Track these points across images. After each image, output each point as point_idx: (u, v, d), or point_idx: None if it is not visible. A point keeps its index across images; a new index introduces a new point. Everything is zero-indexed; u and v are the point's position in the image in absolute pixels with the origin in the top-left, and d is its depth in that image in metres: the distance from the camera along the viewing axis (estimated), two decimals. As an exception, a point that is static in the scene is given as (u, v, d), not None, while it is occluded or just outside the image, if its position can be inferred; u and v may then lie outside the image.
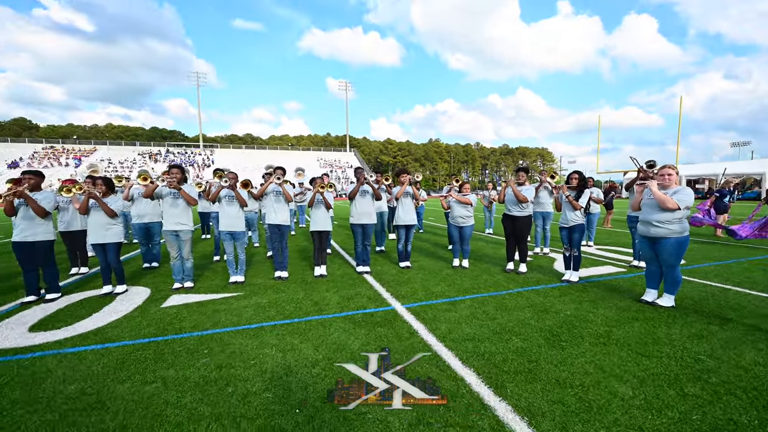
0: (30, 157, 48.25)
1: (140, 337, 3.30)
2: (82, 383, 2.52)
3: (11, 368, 2.75)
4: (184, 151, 58.35)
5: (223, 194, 4.89)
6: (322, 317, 3.75)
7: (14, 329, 3.50)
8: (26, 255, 4.21)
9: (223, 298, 4.44)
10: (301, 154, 63.74)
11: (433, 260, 6.54)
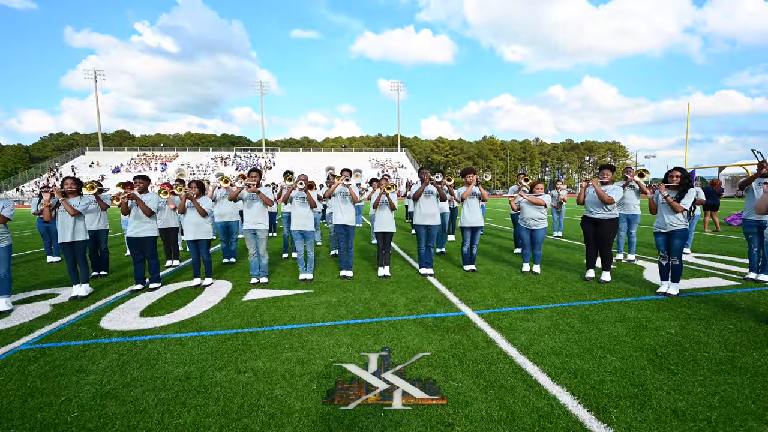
0: (128, 163, 56.30)
1: (228, 327, 3.59)
2: (187, 367, 2.80)
3: (130, 348, 3.16)
4: (249, 155, 63.52)
5: (295, 195, 5.15)
6: (391, 319, 3.74)
7: (128, 314, 4.04)
8: (136, 248, 4.86)
9: (296, 294, 4.67)
10: (354, 155, 65.54)
11: (499, 264, 6.21)
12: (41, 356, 3.01)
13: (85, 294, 4.65)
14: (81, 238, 4.61)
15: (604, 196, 4.56)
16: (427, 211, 5.33)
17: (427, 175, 5.34)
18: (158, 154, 62.17)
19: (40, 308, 4.25)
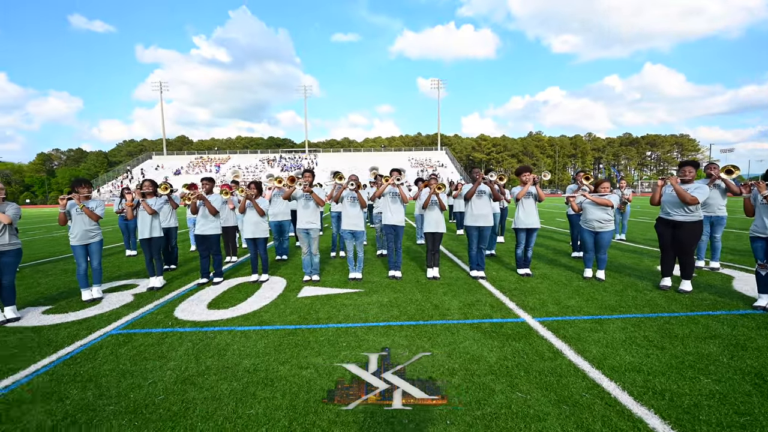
0: (187, 165, 61.50)
1: (287, 323, 3.73)
2: (253, 359, 2.94)
3: (201, 339, 3.40)
4: (293, 156, 66.37)
5: (345, 195, 5.23)
6: (446, 322, 3.64)
7: (197, 306, 4.37)
8: (202, 245, 5.24)
9: (347, 293, 4.74)
10: (393, 154, 65.70)
11: (556, 269, 5.83)
12: (129, 341, 3.34)
13: (159, 285, 5.12)
14: (157, 234, 5.07)
15: (686, 195, 4.07)
16: (480, 212, 5.13)
17: (479, 174, 5.14)
18: (213, 157, 67.16)
19: (124, 297, 4.74)
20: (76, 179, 4.55)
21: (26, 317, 4.01)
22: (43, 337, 3.47)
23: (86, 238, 4.48)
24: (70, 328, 3.66)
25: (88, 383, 2.61)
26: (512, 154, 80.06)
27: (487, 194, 5.19)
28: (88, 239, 4.50)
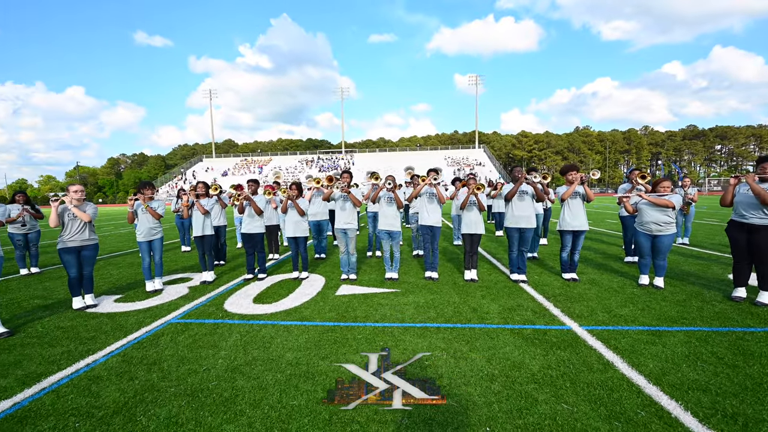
0: (233, 167, 65.54)
1: (326, 319, 3.86)
2: (295, 353, 3.08)
3: (248, 331, 3.62)
4: (330, 157, 68.16)
5: (382, 195, 5.29)
6: (485, 326, 3.55)
7: (244, 299, 4.65)
8: (248, 242, 5.58)
9: (384, 293, 4.79)
10: (429, 153, 65.06)
11: (606, 274, 5.44)
12: (186, 330, 3.65)
13: (211, 279, 5.52)
14: (209, 232, 5.48)
15: (765, 196, 3.60)
16: (521, 213, 4.93)
17: (521, 174, 4.94)
18: (256, 159, 70.94)
19: (181, 289, 5.18)
20: (141, 182, 5.05)
21: (102, 304, 4.52)
22: (116, 322, 3.90)
23: (150, 235, 4.96)
24: (137, 316, 4.08)
25: (153, 366, 2.89)
26: (556, 151, 75.73)
27: (530, 194, 4.97)
28: (152, 236, 4.97)
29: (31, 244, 6.52)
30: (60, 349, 3.24)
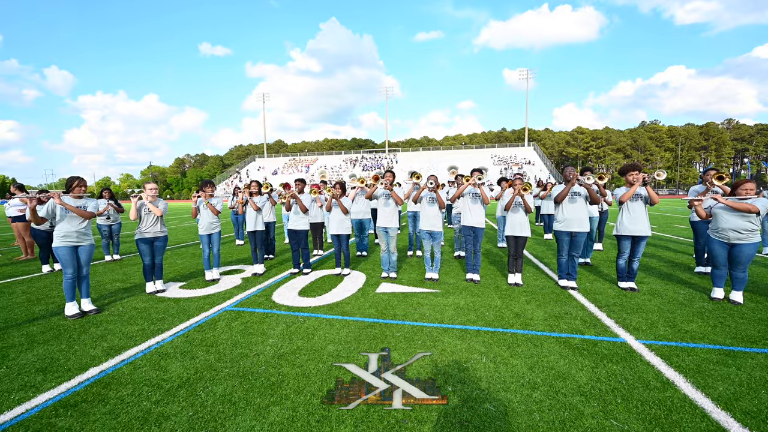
0: (283, 166, 69.19)
1: (366, 315, 3.96)
2: (337, 345, 3.21)
3: (293, 322, 3.84)
4: (373, 156, 69.13)
5: (424, 195, 5.28)
6: (528, 332, 3.41)
7: (290, 292, 4.93)
8: (294, 239, 5.89)
9: (423, 293, 4.79)
10: (475, 152, 63.22)
11: (671, 285, 4.92)
12: (239, 317, 3.97)
13: (261, 272, 5.93)
14: (260, 228, 5.88)
15: None
16: (573, 216, 4.64)
17: (573, 175, 4.64)
18: (303, 158, 74.22)
19: (235, 280, 5.62)
20: (203, 181, 5.56)
21: (169, 290, 5.07)
22: (180, 306, 4.36)
23: (210, 229, 5.45)
24: (198, 302, 4.52)
25: (211, 348, 3.20)
26: (617, 148, 69.45)
27: (583, 196, 4.65)
28: (211, 230, 5.47)
29: (114, 235, 7.49)
30: (136, 327, 3.70)
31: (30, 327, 3.74)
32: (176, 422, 2.19)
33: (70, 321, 3.89)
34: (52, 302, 4.56)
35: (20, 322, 3.88)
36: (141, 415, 2.26)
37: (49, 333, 3.58)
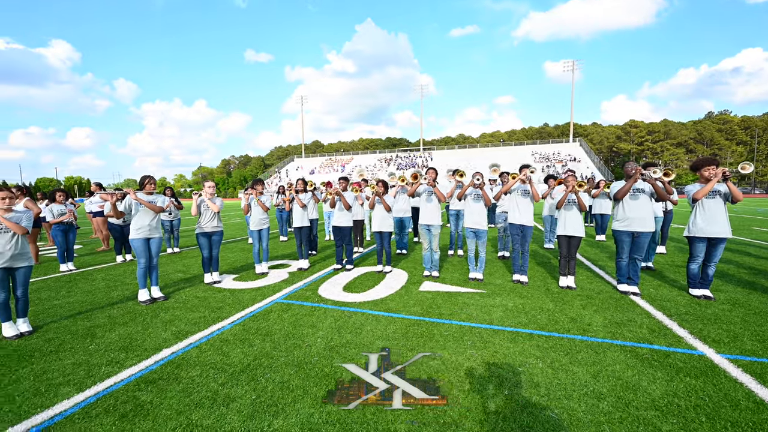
0: (320, 166, 71.19)
1: (411, 313, 3.94)
2: (384, 341, 3.23)
3: (341, 316, 3.92)
4: (408, 155, 68.90)
5: (469, 192, 5.15)
6: (587, 339, 3.20)
7: (335, 287, 5.05)
8: (338, 235, 6.03)
9: (468, 292, 4.67)
10: (514, 149, 60.70)
11: (755, 294, 4.37)
12: (289, 309, 4.14)
13: (306, 267, 6.13)
14: (306, 224, 6.09)
15: None
16: (635, 214, 4.28)
17: (636, 170, 4.28)
18: (339, 158, 75.83)
19: (282, 274, 5.87)
20: (254, 179, 5.87)
21: (224, 281, 5.41)
22: (235, 297, 4.63)
23: (260, 225, 5.74)
24: (251, 293, 4.77)
25: (266, 337, 3.36)
26: (678, 143, 63.22)
27: (647, 193, 4.28)
28: (261, 225, 5.75)
29: (174, 229, 8.14)
30: (198, 314, 3.99)
31: (111, 310, 4.18)
32: (241, 404, 2.33)
33: (142, 306, 4.29)
34: (127, 288, 5.06)
35: (102, 306, 4.34)
36: (210, 395, 2.43)
37: (126, 316, 3.97)
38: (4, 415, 2.25)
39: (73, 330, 3.60)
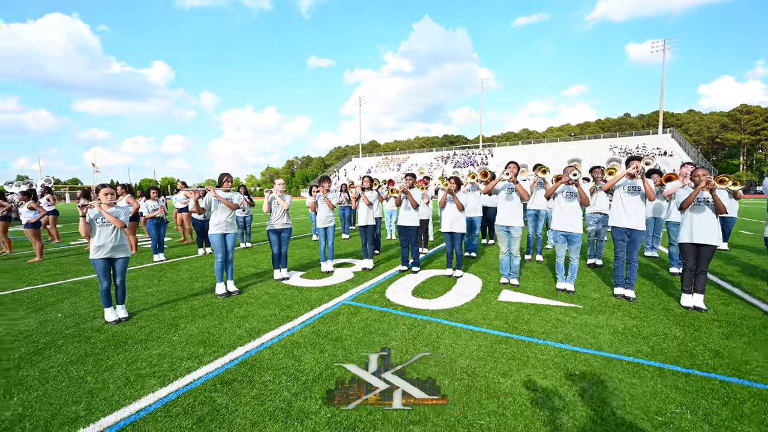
0: (376, 165, 72.20)
1: (494, 328, 3.43)
2: (469, 361, 2.79)
3: (413, 325, 3.56)
4: (466, 152, 66.44)
5: (561, 189, 4.43)
6: (752, 384, 2.40)
7: (403, 291, 4.72)
8: (404, 235, 5.69)
9: (560, 306, 4.00)
10: (588, 143, 54.77)
11: None
12: (357, 312, 3.91)
13: (370, 267, 5.92)
14: (371, 223, 5.87)
15: None
16: None
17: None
18: (395, 157, 76.10)
19: (347, 273, 5.72)
20: (321, 177, 5.81)
21: (292, 278, 5.43)
22: (303, 295, 4.56)
23: (326, 222, 5.65)
24: (318, 293, 4.67)
25: (337, 343, 3.14)
26: (808, 131, 51.32)
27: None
28: (327, 223, 5.66)
29: (247, 225, 8.58)
30: (269, 312, 3.96)
31: (192, 301, 4.37)
32: (316, 422, 2.10)
33: (219, 299, 4.42)
34: (206, 281, 5.33)
35: (185, 296, 4.57)
36: (284, 407, 2.24)
37: (205, 308, 4.10)
38: (98, 404, 2.31)
39: (160, 319, 3.78)
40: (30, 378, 2.63)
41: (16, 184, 10.67)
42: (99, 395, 2.40)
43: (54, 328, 3.57)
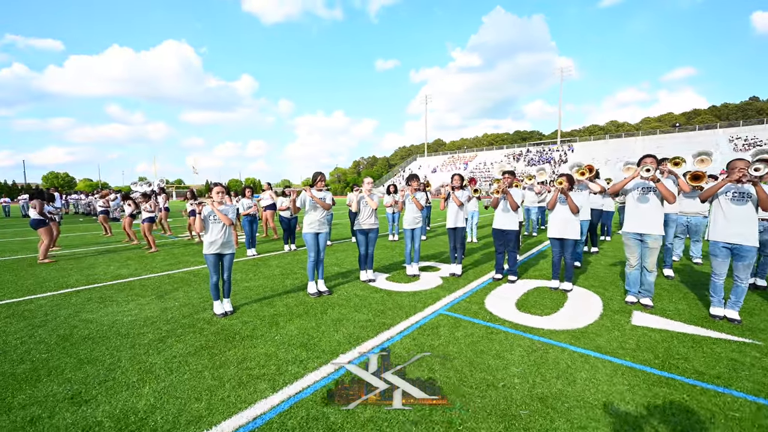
0: (442, 164, 70.60)
1: (643, 362, 2.73)
2: (624, 405, 2.19)
3: (531, 348, 3.03)
4: (541, 149, 61.09)
5: (725, 190, 3.44)
6: None
7: (504, 302, 4.17)
8: (500, 240, 5.11)
9: (727, 341, 3.08)
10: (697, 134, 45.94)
11: None
12: (459, 325, 3.50)
13: (459, 273, 5.45)
14: (461, 225, 5.40)
15: None
16: None
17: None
18: (461, 155, 73.52)
19: (434, 279, 5.34)
20: (410, 175, 5.52)
21: (378, 280, 5.24)
22: (394, 300, 4.31)
23: (413, 224, 5.35)
24: (409, 298, 4.37)
25: (446, 362, 2.78)
26: None
27: None
28: (415, 224, 5.36)
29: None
30: (363, 316, 3.78)
31: (287, 298, 4.43)
32: (449, 468, 1.76)
33: (311, 298, 4.41)
34: (296, 278, 5.43)
35: (279, 293, 4.67)
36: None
37: (300, 307, 4.09)
38: (217, 404, 2.29)
39: (260, 315, 3.86)
40: (157, 367, 2.78)
41: (139, 184, 12.53)
42: (217, 394, 2.40)
43: (173, 316, 3.86)
